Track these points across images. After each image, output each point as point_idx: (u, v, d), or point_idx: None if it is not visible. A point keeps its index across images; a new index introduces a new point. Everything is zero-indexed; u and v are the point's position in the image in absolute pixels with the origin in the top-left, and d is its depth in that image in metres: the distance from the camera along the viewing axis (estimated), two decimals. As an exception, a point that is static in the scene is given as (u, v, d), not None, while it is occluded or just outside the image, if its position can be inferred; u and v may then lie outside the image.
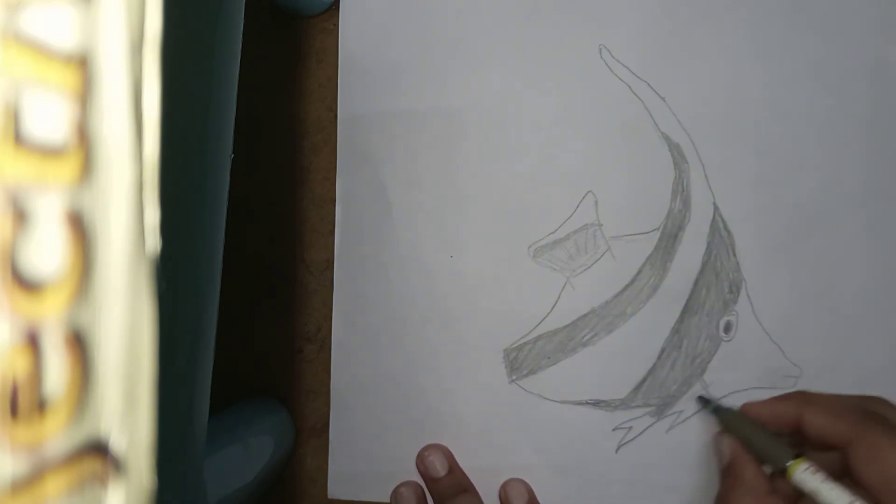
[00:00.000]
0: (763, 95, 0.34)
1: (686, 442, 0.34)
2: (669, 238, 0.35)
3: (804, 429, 0.24)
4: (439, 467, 0.35)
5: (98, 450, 0.14)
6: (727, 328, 0.34)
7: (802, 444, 0.25)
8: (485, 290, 0.36)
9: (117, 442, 0.14)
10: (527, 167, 0.36)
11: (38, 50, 0.13)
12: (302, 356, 0.38)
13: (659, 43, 0.35)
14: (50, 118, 0.13)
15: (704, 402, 0.28)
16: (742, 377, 0.34)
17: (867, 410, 0.23)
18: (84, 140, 0.14)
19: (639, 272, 0.35)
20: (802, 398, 0.25)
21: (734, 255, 0.34)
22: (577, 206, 0.35)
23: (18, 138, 0.13)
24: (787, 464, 0.23)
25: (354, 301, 0.37)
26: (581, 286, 0.35)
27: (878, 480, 0.21)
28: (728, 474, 0.24)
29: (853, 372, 0.33)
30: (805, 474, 0.23)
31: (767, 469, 0.24)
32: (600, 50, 0.35)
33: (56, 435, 0.13)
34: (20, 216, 0.13)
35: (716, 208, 0.34)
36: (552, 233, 0.35)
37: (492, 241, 0.36)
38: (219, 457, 0.31)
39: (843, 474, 0.23)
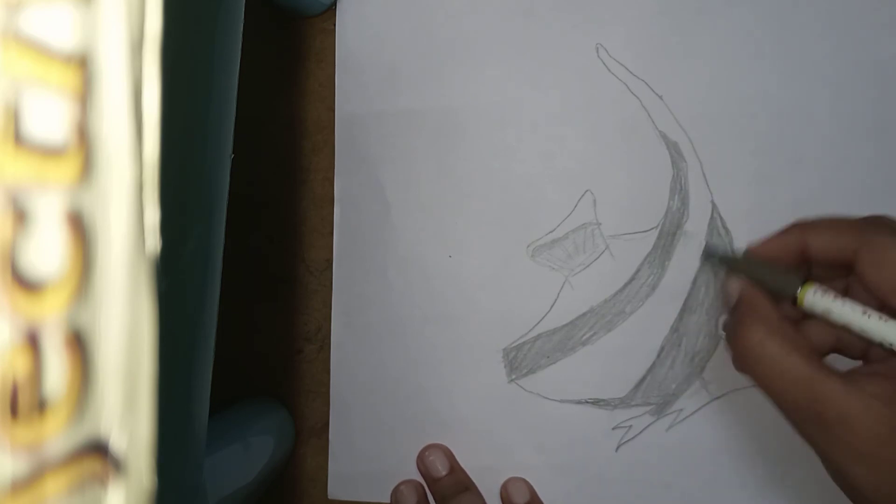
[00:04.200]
0: (761, 93, 0.34)
1: (686, 440, 0.34)
2: (668, 236, 0.35)
3: (809, 251, 0.23)
4: (440, 467, 0.35)
5: (98, 450, 0.14)
6: (726, 326, 0.34)
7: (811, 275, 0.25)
8: (484, 289, 0.36)
9: (117, 442, 0.14)
10: (525, 166, 0.36)
11: (38, 50, 0.13)
12: (302, 356, 0.38)
13: (656, 41, 0.35)
14: (50, 118, 0.13)
15: (709, 253, 0.28)
16: (742, 375, 0.34)
17: (870, 218, 0.22)
18: (84, 140, 0.14)
19: (637, 271, 0.35)
20: (803, 224, 0.24)
21: (733, 252, 0.34)
22: (576, 206, 0.35)
23: (18, 138, 0.13)
24: (797, 290, 0.23)
25: (354, 301, 0.37)
26: (580, 285, 0.35)
27: (888, 283, 0.20)
28: (737, 309, 0.24)
29: (854, 365, 0.33)
30: (815, 297, 0.22)
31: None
32: (598, 49, 0.35)
33: (56, 435, 0.13)
34: (20, 216, 0.13)
35: (714, 206, 0.34)
36: (551, 232, 0.35)
37: (490, 241, 0.36)
38: (219, 457, 0.31)
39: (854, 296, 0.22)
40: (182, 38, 0.18)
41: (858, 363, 0.23)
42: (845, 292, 0.23)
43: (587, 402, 0.35)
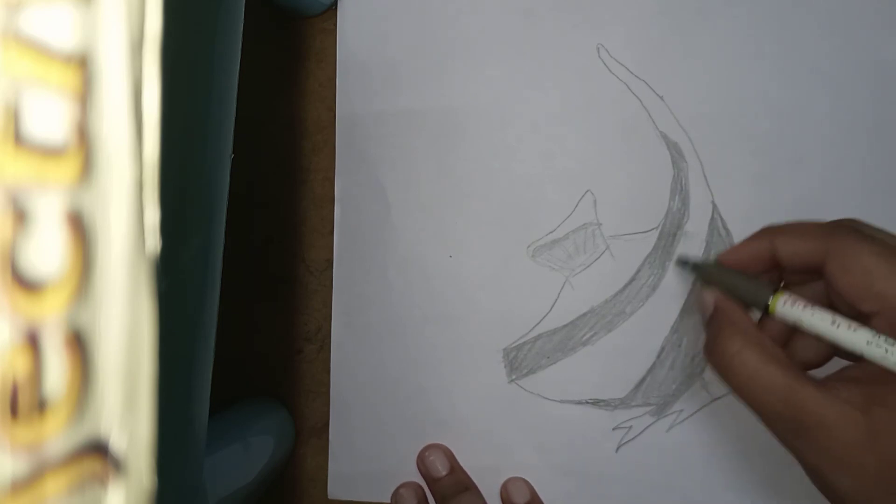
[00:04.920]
0: (761, 94, 0.34)
1: (686, 441, 0.34)
2: (668, 237, 0.35)
3: (778, 257, 0.23)
4: (440, 467, 0.35)
5: (98, 450, 0.14)
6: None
7: (784, 282, 0.25)
8: (484, 289, 0.36)
9: (117, 442, 0.14)
10: (525, 167, 0.36)
11: (38, 50, 0.13)
12: (302, 356, 0.38)
13: (657, 42, 0.35)
14: (50, 118, 0.13)
15: (683, 262, 0.28)
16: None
17: (838, 223, 0.22)
18: (84, 140, 0.14)
19: (638, 271, 0.35)
20: (770, 230, 0.24)
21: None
22: (576, 206, 0.35)
23: (18, 138, 0.13)
24: (769, 300, 0.23)
25: (354, 301, 0.37)
26: (580, 285, 0.35)
27: (856, 288, 0.20)
28: (712, 321, 0.24)
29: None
30: (786, 307, 0.22)
31: (753, 314, 0.24)
32: (598, 49, 0.35)
33: (56, 435, 0.13)
34: (20, 216, 0.13)
35: (714, 207, 0.34)
36: (551, 232, 0.35)
37: (491, 241, 0.36)
38: (219, 457, 0.31)
39: (829, 302, 0.23)
40: (182, 38, 0.18)
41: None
42: (823, 295, 0.23)
43: (587, 403, 0.35)
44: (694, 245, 0.34)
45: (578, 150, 0.35)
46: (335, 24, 0.37)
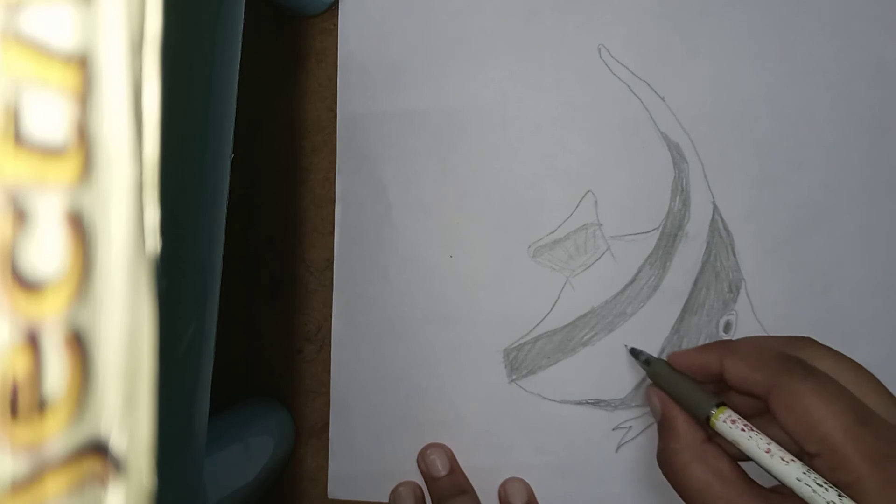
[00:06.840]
0: (762, 95, 0.34)
1: (686, 441, 0.34)
2: (669, 238, 0.35)
3: (725, 379, 0.24)
4: (440, 467, 0.35)
5: (98, 450, 0.14)
6: (727, 328, 0.34)
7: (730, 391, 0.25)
8: (484, 289, 0.36)
9: (117, 442, 0.14)
10: (526, 167, 0.36)
11: (38, 50, 0.13)
12: (302, 356, 0.38)
13: (658, 42, 0.35)
14: (50, 118, 0.13)
15: (636, 353, 0.28)
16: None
17: (787, 356, 0.23)
18: (84, 140, 0.14)
19: (638, 272, 0.35)
20: (724, 346, 0.24)
21: (734, 254, 0.34)
22: (577, 206, 0.35)
23: (18, 138, 0.13)
24: (710, 413, 0.23)
25: (354, 301, 0.37)
26: (581, 286, 0.35)
27: (799, 428, 0.21)
28: (662, 428, 0.25)
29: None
30: (725, 424, 0.23)
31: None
32: (599, 50, 0.35)
33: (56, 435, 0.13)
34: (20, 216, 0.13)
35: (715, 208, 0.34)
36: (552, 232, 0.35)
37: (491, 241, 0.36)
38: (219, 457, 0.31)
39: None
40: (182, 38, 0.17)
41: None
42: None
43: (587, 403, 0.35)
44: (695, 246, 0.34)
45: (579, 151, 0.35)
46: (336, 24, 0.37)
